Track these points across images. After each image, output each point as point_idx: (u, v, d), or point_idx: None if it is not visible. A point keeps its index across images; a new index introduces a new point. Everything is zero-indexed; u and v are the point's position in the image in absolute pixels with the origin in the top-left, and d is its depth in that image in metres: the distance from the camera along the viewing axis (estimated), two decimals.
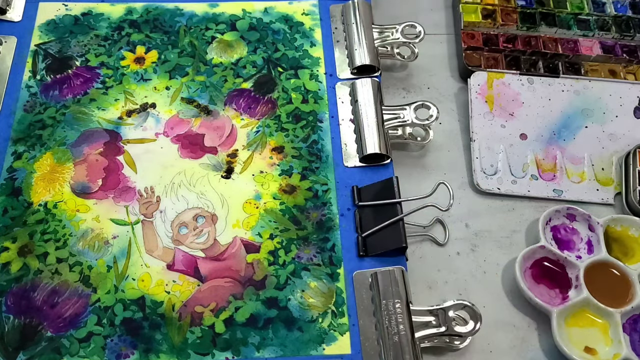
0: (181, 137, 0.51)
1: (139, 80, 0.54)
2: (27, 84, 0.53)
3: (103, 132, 0.51)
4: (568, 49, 0.58)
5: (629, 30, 0.59)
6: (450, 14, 0.62)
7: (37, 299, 0.43)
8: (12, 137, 0.50)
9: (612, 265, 0.46)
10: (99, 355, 0.42)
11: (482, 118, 0.54)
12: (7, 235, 0.46)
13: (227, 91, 0.53)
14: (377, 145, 0.49)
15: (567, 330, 0.44)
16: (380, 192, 0.48)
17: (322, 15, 0.58)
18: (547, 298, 0.45)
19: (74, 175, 0.49)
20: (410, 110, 0.51)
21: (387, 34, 0.56)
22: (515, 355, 0.44)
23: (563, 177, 0.51)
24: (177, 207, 0.48)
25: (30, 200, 0.47)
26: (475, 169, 0.51)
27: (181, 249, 0.46)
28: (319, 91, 0.54)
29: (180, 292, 0.44)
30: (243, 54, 0.56)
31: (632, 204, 0.50)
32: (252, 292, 0.44)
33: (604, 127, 0.54)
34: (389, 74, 0.57)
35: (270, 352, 0.42)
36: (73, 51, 0.55)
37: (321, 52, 0.56)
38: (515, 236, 0.49)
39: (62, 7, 0.57)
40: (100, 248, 0.46)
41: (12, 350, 0.41)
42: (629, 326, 0.44)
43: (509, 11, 0.59)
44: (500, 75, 0.55)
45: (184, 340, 0.42)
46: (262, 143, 0.51)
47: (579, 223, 0.48)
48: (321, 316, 0.44)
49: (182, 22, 0.57)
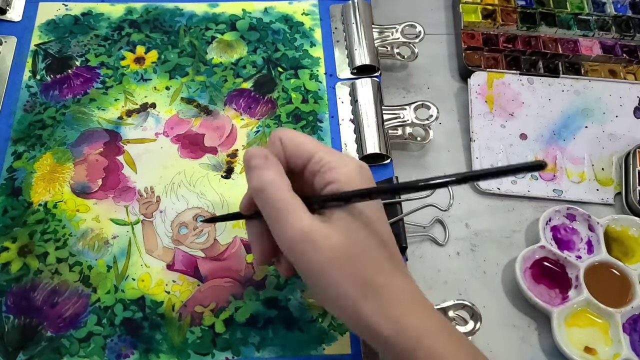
0: (181, 137, 0.51)
1: (139, 80, 0.54)
2: (27, 83, 0.53)
3: (103, 132, 0.51)
4: (568, 49, 0.58)
5: (629, 30, 0.59)
6: (450, 14, 0.62)
7: (37, 299, 0.43)
8: (12, 137, 0.50)
9: (612, 265, 0.46)
10: (99, 355, 0.42)
11: (482, 118, 0.54)
12: (7, 235, 0.46)
13: (227, 91, 0.53)
14: (377, 145, 0.49)
15: (567, 330, 0.44)
16: None
17: (322, 15, 0.58)
18: (547, 298, 0.45)
19: (74, 175, 0.49)
20: (410, 110, 0.51)
21: (387, 34, 0.56)
22: (515, 355, 0.44)
23: (563, 177, 0.51)
24: (177, 207, 0.48)
25: (30, 200, 0.47)
26: (475, 169, 0.51)
27: (181, 249, 0.46)
28: (318, 91, 0.54)
29: (180, 292, 0.44)
30: (243, 54, 0.56)
31: (632, 204, 0.50)
32: (252, 292, 0.44)
33: (604, 127, 0.54)
34: (389, 74, 0.57)
35: (270, 352, 0.42)
36: (73, 51, 0.55)
37: (321, 52, 0.56)
38: (515, 236, 0.49)
39: (62, 7, 0.57)
40: (100, 248, 0.46)
41: (12, 350, 0.41)
42: (629, 326, 0.44)
43: (509, 11, 0.59)
44: (500, 75, 0.55)
45: (184, 340, 0.42)
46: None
47: (579, 223, 0.48)
48: (321, 316, 0.44)
49: (182, 22, 0.57)
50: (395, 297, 0.34)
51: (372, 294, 0.33)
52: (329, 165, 0.35)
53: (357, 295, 0.33)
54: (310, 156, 0.36)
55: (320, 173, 0.35)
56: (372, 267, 0.34)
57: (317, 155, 0.36)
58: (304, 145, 0.36)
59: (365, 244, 0.34)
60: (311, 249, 0.33)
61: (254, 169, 0.36)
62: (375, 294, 0.33)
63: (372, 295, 0.33)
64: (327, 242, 0.33)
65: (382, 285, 0.34)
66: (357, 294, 0.33)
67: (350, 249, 0.34)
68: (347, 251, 0.33)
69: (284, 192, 0.34)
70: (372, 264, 0.34)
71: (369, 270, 0.34)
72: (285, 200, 0.34)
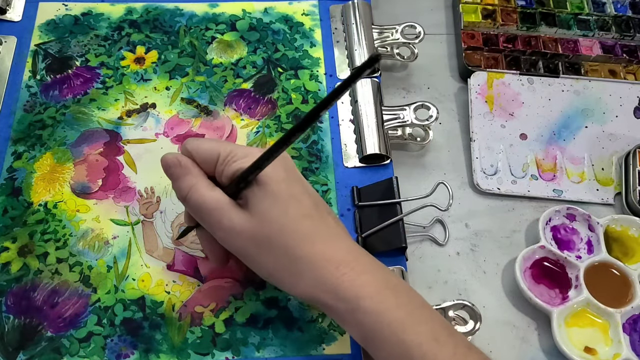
0: (181, 138, 0.51)
1: (139, 81, 0.54)
2: (27, 83, 0.53)
3: (103, 132, 0.51)
4: (568, 49, 0.58)
5: (629, 30, 0.59)
6: (450, 14, 0.62)
7: (37, 299, 0.43)
8: (12, 137, 0.50)
9: (612, 265, 0.46)
10: (99, 355, 0.42)
11: (482, 118, 0.54)
12: (7, 235, 0.46)
13: (227, 91, 0.53)
14: (377, 146, 0.49)
15: (567, 330, 0.44)
16: (380, 192, 0.48)
17: (322, 15, 0.58)
18: (547, 298, 0.45)
19: (74, 175, 0.49)
20: (410, 110, 0.51)
21: (387, 34, 0.56)
22: (515, 355, 0.44)
23: (563, 177, 0.51)
24: (177, 207, 0.48)
25: (30, 200, 0.47)
26: (475, 169, 0.51)
27: (181, 249, 0.46)
28: (318, 91, 0.54)
29: (180, 292, 0.44)
30: (243, 54, 0.56)
31: (632, 204, 0.50)
32: (252, 292, 0.44)
33: (604, 127, 0.54)
34: (389, 74, 0.57)
35: (270, 352, 0.42)
36: (73, 51, 0.55)
37: (321, 52, 0.56)
38: (515, 236, 0.49)
39: (62, 7, 0.57)
40: (100, 248, 0.46)
41: (12, 350, 0.41)
42: (629, 326, 0.44)
43: (509, 11, 0.59)
44: (500, 75, 0.55)
45: (184, 340, 0.42)
46: (262, 143, 0.51)
47: (579, 223, 0.48)
48: (321, 316, 0.44)
49: (182, 22, 0.57)
50: (326, 264, 0.35)
51: (300, 267, 0.36)
52: (232, 157, 0.37)
53: (284, 271, 0.36)
54: (216, 156, 0.38)
55: (227, 166, 0.37)
56: (292, 242, 0.36)
57: (222, 153, 0.38)
58: (209, 149, 0.38)
59: (280, 220, 0.36)
60: (235, 237, 0.37)
61: (174, 181, 0.39)
62: (303, 266, 0.35)
63: (300, 268, 0.36)
64: (244, 226, 0.36)
65: (307, 256, 0.36)
66: (284, 270, 0.36)
67: (265, 229, 0.36)
68: (263, 231, 0.36)
69: (203, 195, 0.37)
70: (291, 239, 0.36)
71: (289, 245, 0.36)
72: (205, 202, 0.37)
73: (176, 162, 0.38)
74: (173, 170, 0.38)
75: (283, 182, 0.37)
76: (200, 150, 0.38)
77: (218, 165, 0.38)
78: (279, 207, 0.36)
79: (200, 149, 0.38)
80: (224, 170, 0.38)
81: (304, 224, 0.36)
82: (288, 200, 0.36)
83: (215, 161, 0.38)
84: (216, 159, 0.38)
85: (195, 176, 0.38)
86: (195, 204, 0.37)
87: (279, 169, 0.37)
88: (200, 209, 0.37)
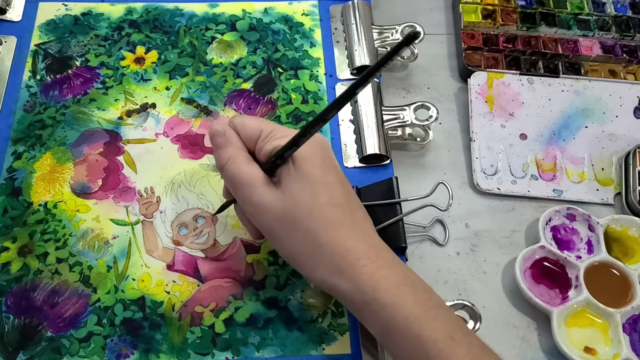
0: (181, 138, 0.51)
1: (139, 81, 0.54)
2: (27, 83, 0.53)
3: (103, 132, 0.51)
4: (568, 49, 0.58)
5: (629, 30, 0.59)
6: (450, 14, 0.62)
7: (37, 299, 0.43)
8: (12, 137, 0.50)
9: (612, 265, 0.46)
10: (99, 355, 0.42)
11: (482, 118, 0.54)
12: (7, 235, 0.46)
13: (227, 91, 0.53)
14: (377, 146, 0.49)
15: (567, 330, 0.44)
16: (380, 192, 0.48)
17: (322, 15, 0.58)
18: (547, 298, 0.45)
19: (74, 175, 0.49)
20: (410, 111, 0.51)
21: (387, 35, 0.56)
22: (515, 355, 0.44)
23: (563, 177, 0.51)
24: (177, 207, 0.48)
25: (30, 200, 0.47)
26: (475, 169, 0.51)
27: (181, 249, 0.46)
28: (318, 92, 0.54)
29: (180, 292, 0.44)
30: (243, 54, 0.56)
31: (632, 204, 0.50)
32: (252, 292, 0.44)
33: (604, 127, 0.54)
34: (389, 74, 0.57)
35: (270, 352, 0.42)
36: (73, 51, 0.55)
37: (321, 52, 0.56)
38: (515, 236, 0.49)
39: (62, 7, 0.57)
40: (100, 248, 0.46)
41: (12, 350, 0.41)
42: (629, 326, 0.44)
43: (509, 11, 0.59)
44: (500, 75, 0.55)
45: (184, 340, 0.42)
46: None
47: (579, 223, 0.48)
48: (321, 316, 0.44)
49: (182, 22, 0.57)
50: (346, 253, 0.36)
51: (321, 253, 0.36)
52: (273, 135, 0.38)
53: (304, 255, 0.37)
54: (259, 132, 0.39)
55: (267, 143, 0.38)
56: (318, 227, 0.36)
57: (265, 131, 0.39)
58: (252, 126, 0.39)
59: (309, 204, 0.36)
60: (262, 213, 0.37)
61: (216, 149, 0.40)
62: (324, 252, 0.36)
63: (321, 255, 0.36)
64: (272, 204, 0.37)
65: (330, 244, 0.36)
66: (305, 254, 0.37)
67: (293, 210, 0.36)
68: (290, 212, 0.36)
69: (239, 167, 0.38)
70: (317, 224, 0.36)
71: (314, 229, 0.36)
72: (239, 174, 0.38)
73: (221, 132, 0.39)
74: (217, 139, 0.40)
75: (319, 167, 0.37)
76: (245, 126, 0.40)
77: (259, 142, 0.39)
78: (311, 190, 0.36)
79: (245, 124, 0.40)
80: (263, 147, 0.38)
81: (333, 211, 0.37)
82: (321, 185, 0.37)
83: (257, 138, 0.39)
84: (258, 135, 0.39)
85: (236, 148, 0.39)
86: (231, 175, 0.38)
87: (316, 154, 0.38)
88: (234, 181, 0.38)
